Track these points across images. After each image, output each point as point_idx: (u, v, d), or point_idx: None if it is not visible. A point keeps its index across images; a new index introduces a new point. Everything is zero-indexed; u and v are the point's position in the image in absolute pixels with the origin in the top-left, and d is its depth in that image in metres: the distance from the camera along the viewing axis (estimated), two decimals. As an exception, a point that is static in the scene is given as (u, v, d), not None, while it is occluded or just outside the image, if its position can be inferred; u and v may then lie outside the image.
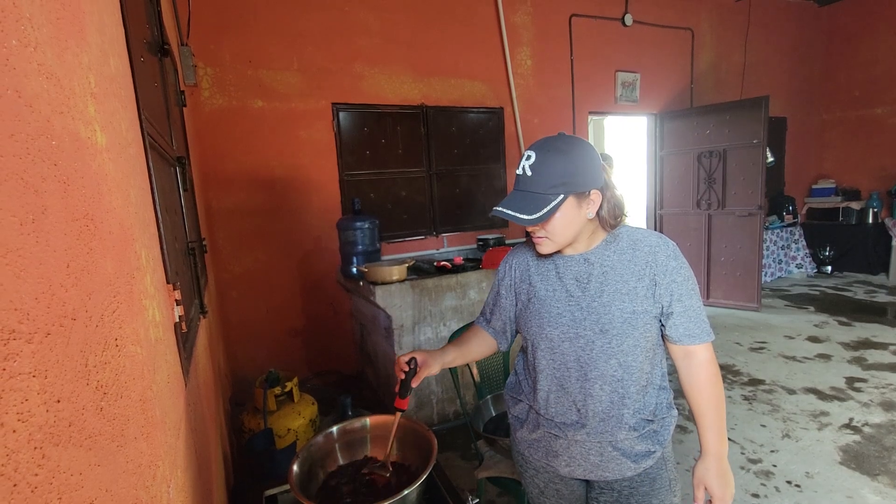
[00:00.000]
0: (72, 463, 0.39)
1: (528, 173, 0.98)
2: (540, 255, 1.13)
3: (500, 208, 1.00)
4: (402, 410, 1.13)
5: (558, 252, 1.09)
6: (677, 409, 1.16)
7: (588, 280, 1.06)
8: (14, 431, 0.32)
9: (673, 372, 1.15)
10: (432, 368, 1.15)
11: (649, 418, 1.08)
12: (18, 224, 0.36)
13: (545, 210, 0.96)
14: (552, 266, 1.11)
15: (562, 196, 0.97)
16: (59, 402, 0.38)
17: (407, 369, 1.11)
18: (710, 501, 1.06)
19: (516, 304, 1.19)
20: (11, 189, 0.36)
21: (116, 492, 0.48)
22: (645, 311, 1.03)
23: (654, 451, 1.09)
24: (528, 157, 0.99)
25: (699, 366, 1.05)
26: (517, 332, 1.24)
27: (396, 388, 1.12)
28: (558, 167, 0.96)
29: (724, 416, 1.06)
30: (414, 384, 1.11)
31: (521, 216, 0.97)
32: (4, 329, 0.32)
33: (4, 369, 0.31)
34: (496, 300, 1.24)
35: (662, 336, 1.09)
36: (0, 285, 0.32)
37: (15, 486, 0.31)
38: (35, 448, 0.34)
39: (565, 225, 1.01)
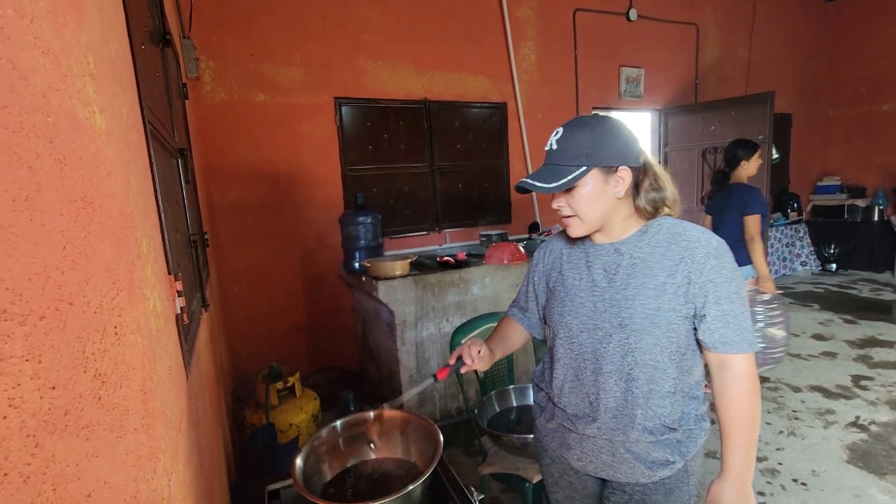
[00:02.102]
0: (68, 453, 0.37)
1: (555, 147, 0.98)
2: (572, 243, 1.10)
3: (524, 179, 1.00)
4: (437, 380, 1.21)
5: (590, 240, 1.06)
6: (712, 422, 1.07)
7: (616, 271, 1.01)
8: (4, 417, 0.30)
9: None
10: (484, 365, 1.18)
11: (671, 426, 1.00)
12: (11, 200, 0.34)
13: (564, 180, 0.95)
14: (583, 255, 1.08)
15: (584, 167, 0.94)
16: (54, 388, 0.37)
17: (475, 361, 1.16)
18: None
19: (546, 292, 1.18)
20: (3, 162, 0.34)
21: (116, 484, 0.46)
22: (672, 310, 0.96)
23: (674, 462, 1.01)
24: (557, 133, 0.99)
25: (734, 378, 0.96)
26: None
27: (451, 362, 1.18)
28: (583, 139, 0.95)
29: (755, 437, 0.97)
30: (462, 371, 1.19)
31: (542, 185, 0.96)
32: (-6, 309, 0.30)
33: (-6, 351, 0.30)
34: (530, 290, 1.23)
35: (697, 341, 1.01)
36: (-10, 262, 0.30)
37: (6, 475, 0.29)
38: (28, 436, 0.32)
39: (591, 200, 0.97)
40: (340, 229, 3.09)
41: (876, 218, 5.86)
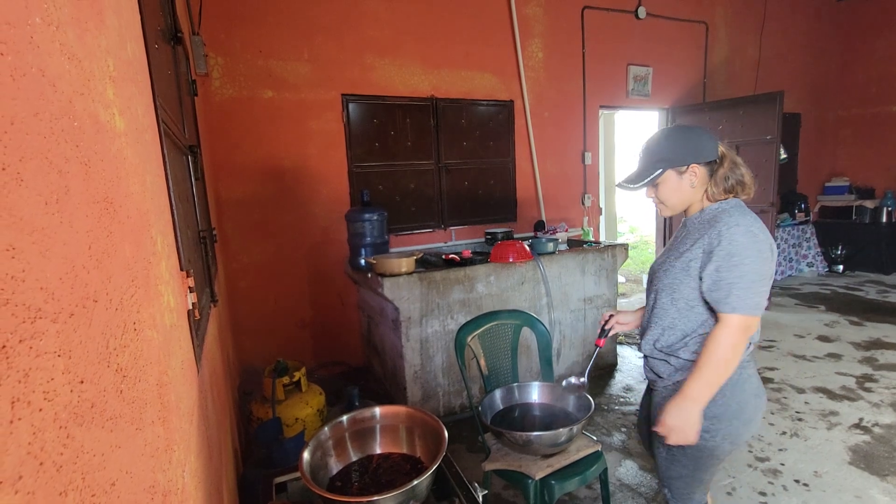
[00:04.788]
0: (95, 444, 0.39)
1: (641, 155, 1.30)
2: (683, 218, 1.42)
3: (619, 182, 1.32)
4: (600, 347, 1.55)
5: (685, 215, 1.35)
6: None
7: (676, 239, 1.35)
8: (40, 410, 0.31)
9: None
10: (629, 325, 1.56)
11: (665, 352, 1.31)
12: (43, 203, 0.36)
13: (645, 180, 1.27)
14: (679, 225, 1.39)
15: (661, 170, 1.25)
16: (82, 382, 0.38)
17: (607, 319, 1.57)
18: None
19: None
20: (36, 168, 0.36)
21: (136, 474, 0.48)
22: (681, 271, 1.25)
23: (665, 379, 1.32)
24: (642, 145, 1.31)
25: (719, 327, 1.18)
26: None
27: (599, 331, 1.56)
28: (661, 148, 1.26)
29: (712, 374, 1.18)
30: (609, 329, 1.55)
31: (629, 185, 1.30)
32: (31, 307, 0.32)
33: (31, 347, 0.31)
34: None
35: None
36: (27, 263, 0.32)
37: (41, 464, 0.31)
38: (60, 427, 0.34)
39: (670, 192, 1.28)
40: (346, 226, 3.11)
41: (884, 219, 5.82)
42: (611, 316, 1.58)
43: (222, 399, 1.69)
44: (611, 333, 1.56)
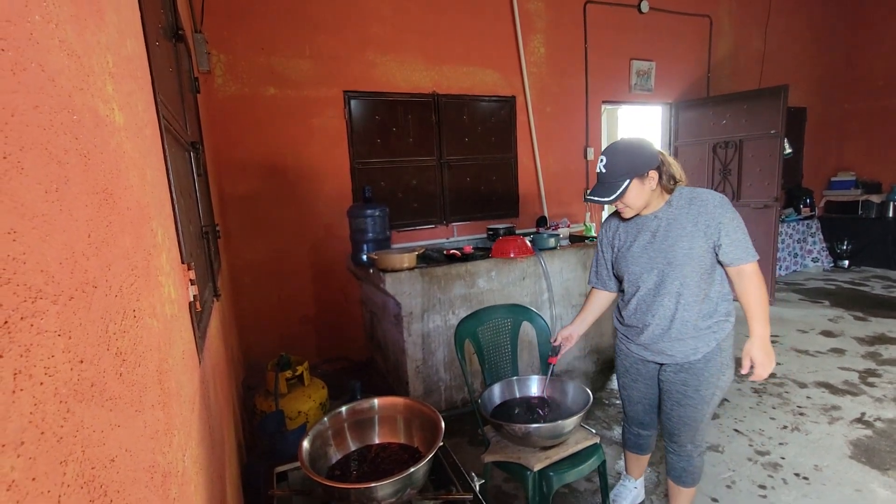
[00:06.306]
0: (94, 420, 0.41)
1: (604, 171, 1.49)
2: (625, 220, 1.63)
3: (589, 196, 1.52)
4: (553, 365, 1.82)
5: (637, 215, 1.57)
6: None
7: (657, 230, 1.54)
8: (41, 384, 0.33)
9: None
10: (575, 339, 1.81)
11: (706, 321, 1.53)
12: (43, 192, 0.38)
13: (617, 192, 1.46)
14: (634, 225, 1.61)
15: (628, 181, 1.45)
16: (82, 362, 0.40)
17: (560, 341, 1.80)
18: (752, 369, 1.51)
19: (613, 254, 1.69)
20: (36, 157, 0.38)
21: (136, 453, 0.51)
22: (699, 247, 1.47)
23: (709, 343, 1.54)
24: (602, 160, 1.50)
25: (747, 277, 1.48)
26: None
27: (552, 350, 1.81)
28: (622, 162, 1.46)
29: (767, 311, 1.50)
30: (562, 350, 1.81)
31: (603, 199, 1.48)
32: (32, 288, 0.34)
33: (32, 325, 0.33)
34: (601, 257, 1.76)
35: (720, 263, 1.51)
36: (28, 247, 0.34)
37: (42, 433, 0.33)
38: (61, 402, 0.36)
39: (636, 197, 1.50)
40: (349, 222, 3.13)
41: (891, 214, 5.77)
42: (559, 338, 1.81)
43: (225, 391, 1.72)
44: (563, 351, 1.81)
